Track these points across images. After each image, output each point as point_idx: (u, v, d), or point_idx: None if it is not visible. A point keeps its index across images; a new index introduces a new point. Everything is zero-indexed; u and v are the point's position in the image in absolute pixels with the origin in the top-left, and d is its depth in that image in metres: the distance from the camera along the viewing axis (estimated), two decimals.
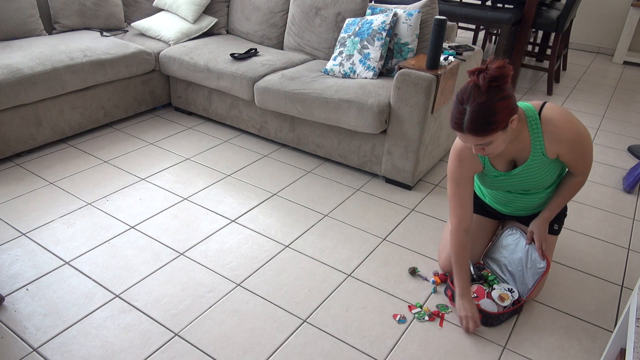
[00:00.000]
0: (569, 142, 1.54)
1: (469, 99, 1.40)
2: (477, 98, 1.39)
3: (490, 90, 1.38)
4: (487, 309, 1.72)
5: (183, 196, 2.42)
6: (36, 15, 3.07)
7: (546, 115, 1.55)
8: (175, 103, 3.36)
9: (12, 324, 1.65)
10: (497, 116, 1.38)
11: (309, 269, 1.97)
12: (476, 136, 1.42)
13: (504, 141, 1.48)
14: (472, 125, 1.40)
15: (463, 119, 1.41)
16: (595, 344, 1.69)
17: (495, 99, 1.38)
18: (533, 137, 1.57)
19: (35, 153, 2.74)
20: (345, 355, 1.60)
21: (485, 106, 1.38)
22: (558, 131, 1.53)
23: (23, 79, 2.51)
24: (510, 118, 1.42)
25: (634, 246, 2.23)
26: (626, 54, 5.23)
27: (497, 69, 1.37)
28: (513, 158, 1.65)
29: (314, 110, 2.56)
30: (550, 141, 1.56)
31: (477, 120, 1.39)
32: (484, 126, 1.39)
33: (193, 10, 3.37)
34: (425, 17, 2.68)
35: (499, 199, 1.84)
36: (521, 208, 1.82)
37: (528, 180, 1.67)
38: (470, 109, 1.39)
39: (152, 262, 1.97)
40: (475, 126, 1.40)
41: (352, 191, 2.54)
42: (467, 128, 1.41)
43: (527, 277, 1.76)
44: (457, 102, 1.43)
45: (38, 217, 2.20)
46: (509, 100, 1.40)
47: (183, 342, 1.62)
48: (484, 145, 1.46)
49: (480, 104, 1.38)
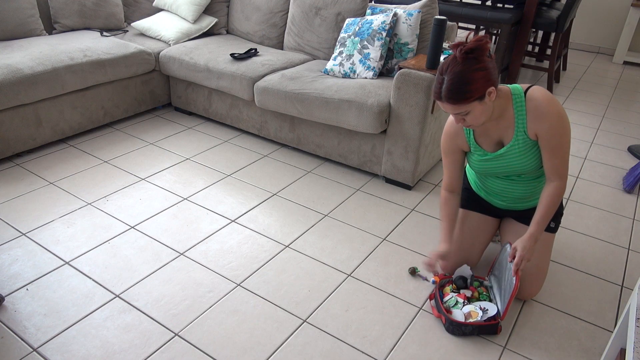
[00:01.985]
0: (549, 120, 1.57)
1: (447, 69, 1.48)
2: (454, 68, 1.47)
3: (467, 61, 1.46)
4: (455, 317, 1.70)
5: (183, 196, 2.42)
6: (36, 15, 3.07)
7: (531, 94, 1.61)
8: (175, 103, 3.36)
9: (12, 324, 1.65)
10: (472, 85, 1.45)
11: (309, 269, 1.97)
12: (453, 104, 1.49)
13: (482, 113, 1.53)
14: (448, 93, 1.47)
15: (441, 88, 1.49)
16: (595, 344, 1.69)
17: (471, 69, 1.45)
18: (517, 114, 1.62)
19: (35, 153, 2.74)
20: (345, 355, 1.60)
21: (461, 75, 1.45)
22: (540, 108, 1.58)
23: (23, 79, 2.51)
24: (486, 88, 1.47)
25: (634, 246, 2.23)
26: (626, 54, 5.23)
27: (474, 42, 1.45)
28: (499, 139, 1.69)
29: (314, 110, 2.56)
30: (531, 119, 1.60)
31: (453, 88, 1.46)
32: (459, 94, 1.46)
33: (193, 10, 3.37)
34: (425, 17, 2.68)
35: (491, 188, 1.85)
36: (513, 199, 1.82)
37: (513, 162, 1.69)
38: (447, 77, 1.47)
39: (152, 262, 1.97)
40: (452, 94, 1.47)
41: (352, 191, 2.54)
42: (445, 96, 1.49)
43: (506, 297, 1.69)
44: (437, 73, 1.52)
45: (38, 217, 2.20)
46: (486, 72, 1.46)
47: (183, 342, 1.62)
48: (462, 115, 1.53)
49: (456, 72, 1.46)
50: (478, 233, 1.93)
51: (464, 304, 1.74)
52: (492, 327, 1.68)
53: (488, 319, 1.68)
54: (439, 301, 1.75)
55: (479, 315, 1.69)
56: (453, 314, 1.71)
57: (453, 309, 1.73)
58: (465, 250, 1.91)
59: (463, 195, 1.98)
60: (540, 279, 1.81)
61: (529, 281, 1.81)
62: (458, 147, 1.77)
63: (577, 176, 2.82)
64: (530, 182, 1.76)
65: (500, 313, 1.69)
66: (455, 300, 1.75)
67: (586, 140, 3.30)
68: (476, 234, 1.93)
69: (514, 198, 1.82)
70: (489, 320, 1.68)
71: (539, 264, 1.80)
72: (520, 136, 1.63)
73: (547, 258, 1.82)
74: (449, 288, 1.81)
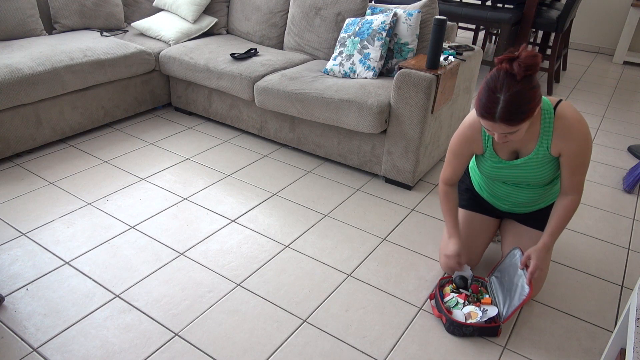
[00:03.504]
0: (577, 142, 1.54)
1: (503, 88, 1.38)
2: (512, 87, 1.37)
3: (525, 79, 1.38)
4: (455, 317, 1.70)
5: (183, 196, 2.42)
6: (36, 15, 3.07)
7: (561, 112, 1.56)
8: (175, 103, 3.36)
9: (12, 324, 1.65)
10: (530, 104, 1.39)
11: (309, 269, 1.97)
12: (508, 125, 1.41)
13: (525, 130, 1.50)
14: (506, 114, 1.39)
15: (496, 108, 1.40)
16: (595, 344, 1.69)
17: (529, 87, 1.38)
18: (543, 130, 1.58)
19: (35, 153, 2.74)
20: (345, 355, 1.60)
21: (521, 95, 1.37)
22: (569, 129, 1.54)
23: (23, 79, 2.51)
24: (538, 106, 1.42)
25: (634, 246, 2.23)
26: (626, 54, 5.23)
27: (531, 58, 1.36)
28: (517, 149, 1.66)
29: (314, 110, 2.56)
30: (558, 137, 1.56)
31: (512, 109, 1.38)
32: (518, 115, 1.39)
33: (193, 10, 3.37)
34: (425, 17, 2.68)
35: (496, 192, 1.84)
36: (518, 203, 1.82)
37: (527, 173, 1.67)
38: (505, 97, 1.38)
39: (152, 262, 1.97)
40: (510, 115, 1.39)
41: (352, 191, 2.54)
42: (500, 117, 1.40)
43: (513, 302, 1.68)
44: (488, 91, 1.41)
45: (38, 217, 2.20)
46: (538, 89, 1.41)
47: (183, 342, 1.62)
48: (510, 133, 1.46)
49: (516, 92, 1.37)
50: (479, 234, 1.93)
51: (464, 304, 1.74)
52: (492, 329, 1.68)
53: (488, 319, 1.68)
54: (440, 301, 1.75)
55: (479, 316, 1.69)
56: (453, 314, 1.71)
57: (453, 309, 1.73)
58: (467, 250, 1.91)
59: (465, 196, 1.98)
60: (539, 282, 1.80)
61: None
62: (471, 151, 1.74)
63: None
64: (536, 190, 1.75)
65: (502, 316, 1.68)
66: (456, 300, 1.75)
67: None
68: (477, 235, 1.93)
69: (518, 203, 1.82)
70: (489, 321, 1.68)
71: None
72: (541, 151, 1.61)
73: (547, 260, 1.81)
74: (449, 288, 1.81)
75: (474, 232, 1.93)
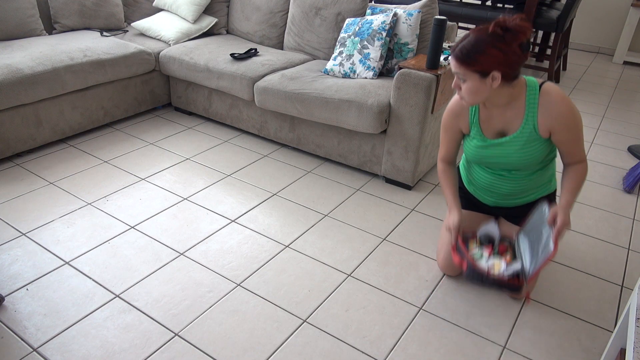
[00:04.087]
0: (563, 117, 1.58)
1: (475, 32, 1.51)
2: (477, 34, 1.49)
3: (494, 35, 1.47)
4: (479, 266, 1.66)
5: (183, 196, 2.42)
6: (36, 15, 3.07)
7: (545, 89, 1.61)
8: (175, 103, 3.36)
9: (12, 324, 1.65)
10: (483, 56, 1.47)
11: (309, 269, 1.97)
12: (457, 62, 1.52)
13: (478, 92, 1.54)
14: (460, 50, 1.51)
15: (458, 44, 1.52)
16: (595, 344, 1.69)
17: (492, 43, 1.46)
18: (528, 106, 1.62)
19: (35, 153, 2.74)
20: (345, 355, 1.60)
21: (478, 43, 1.48)
22: (553, 104, 1.58)
23: (23, 79, 2.51)
24: (493, 69, 1.48)
25: (634, 246, 2.23)
26: (626, 54, 5.23)
27: (513, 22, 1.45)
28: (503, 129, 1.69)
29: (314, 110, 2.56)
30: (544, 114, 1.60)
31: (465, 50, 1.49)
32: (466, 56, 1.49)
33: (193, 10, 3.37)
34: (425, 17, 2.68)
35: (480, 183, 1.85)
36: (502, 195, 1.82)
37: (511, 154, 1.68)
38: (469, 38, 1.50)
39: (152, 262, 1.97)
40: (461, 53, 1.50)
41: (352, 191, 2.54)
42: (455, 53, 1.52)
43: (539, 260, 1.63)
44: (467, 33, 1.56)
45: (38, 217, 2.20)
46: (503, 55, 1.46)
47: (183, 342, 1.62)
48: (460, 80, 1.55)
49: (477, 38, 1.48)
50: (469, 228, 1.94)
51: (488, 258, 1.70)
52: (514, 286, 1.61)
53: (512, 275, 1.62)
54: (463, 247, 1.68)
55: (502, 268, 1.64)
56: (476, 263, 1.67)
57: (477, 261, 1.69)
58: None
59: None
60: (533, 279, 1.80)
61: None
62: (458, 127, 1.79)
63: None
64: (519, 181, 1.76)
65: (528, 273, 1.61)
66: (481, 253, 1.72)
67: (586, 140, 3.30)
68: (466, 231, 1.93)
69: (502, 194, 1.82)
70: (512, 277, 1.61)
71: None
72: (527, 128, 1.63)
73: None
74: (474, 244, 1.79)
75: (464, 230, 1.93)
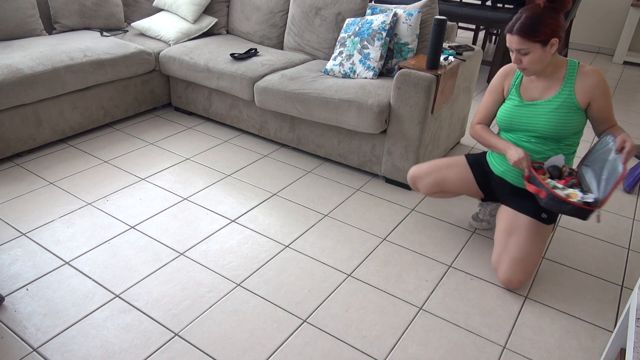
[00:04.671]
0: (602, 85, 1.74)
1: (527, 10, 1.69)
2: (533, 9, 1.68)
3: (547, 8, 1.67)
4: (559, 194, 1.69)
5: (183, 196, 2.42)
6: (36, 15, 3.07)
7: (583, 65, 1.79)
8: (175, 103, 3.36)
9: (12, 324, 1.65)
10: (543, 27, 1.65)
11: (309, 269, 1.97)
12: (521, 38, 1.68)
13: (540, 60, 1.71)
14: (521, 26, 1.67)
15: (516, 23, 1.69)
16: (595, 344, 1.69)
17: (547, 15, 1.66)
18: (567, 77, 1.78)
19: (35, 153, 2.74)
20: (345, 355, 1.60)
21: (538, 16, 1.66)
22: (592, 74, 1.75)
23: (23, 79, 2.51)
24: (552, 37, 1.67)
25: (634, 246, 2.23)
26: (626, 54, 5.22)
27: None
28: (540, 97, 1.83)
29: (314, 110, 2.56)
30: (583, 83, 1.75)
31: (527, 23, 1.66)
32: (529, 30, 1.66)
33: (193, 10, 3.37)
34: (425, 17, 2.68)
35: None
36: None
37: (540, 117, 1.81)
38: (525, 14, 1.68)
39: (152, 262, 1.97)
40: (524, 28, 1.67)
41: (352, 191, 2.54)
42: (517, 29, 1.68)
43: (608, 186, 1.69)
44: (517, 13, 1.73)
45: (38, 217, 2.20)
46: (558, 23, 1.67)
47: (183, 342, 1.62)
48: (522, 55, 1.72)
49: (534, 12, 1.67)
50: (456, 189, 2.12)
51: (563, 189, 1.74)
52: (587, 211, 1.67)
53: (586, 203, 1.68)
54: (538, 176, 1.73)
55: (579, 197, 1.69)
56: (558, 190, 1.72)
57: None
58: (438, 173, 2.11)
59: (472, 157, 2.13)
60: (524, 266, 1.83)
61: (510, 265, 1.85)
62: (502, 87, 1.95)
63: None
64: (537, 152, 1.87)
65: (600, 200, 1.67)
66: (554, 184, 1.75)
67: (586, 140, 3.30)
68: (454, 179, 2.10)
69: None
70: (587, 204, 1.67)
71: (525, 249, 1.83)
72: (562, 95, 1.78)
73: (535, 247, 1.85)
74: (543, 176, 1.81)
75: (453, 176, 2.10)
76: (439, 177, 2.11)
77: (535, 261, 1.85)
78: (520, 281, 1.86)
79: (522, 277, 1.85)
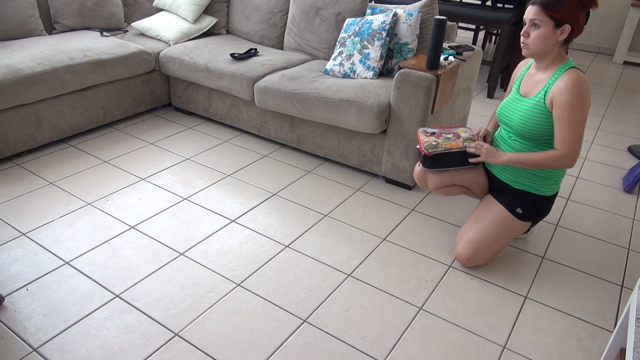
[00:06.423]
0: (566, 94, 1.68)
1: None
2: None
3: None
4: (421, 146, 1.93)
5: (183, 196, 2.42)
6: (36, 15, 3.07)
7: (573, 70, 1.72)
8: (175, 103, 3.36)
9: (12, 324, 1.65)
10: (563, 6, 1.65)
11: (309, 269, 1.97)
12: (539, 7, 1.67)
13: (544, 41, 1.70)
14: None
15: None
16: (595, 344, 1.69)
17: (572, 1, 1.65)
18: (552, 76, 1.75)
19: (35, 153, 2.74)
20: (345, 355, 1.60)
21: None
22: (565, 80, 1.69)
23: (23, 79, 2.51)
24: (566, 21, 1.66)
25: (634, 246, 2.23)
26: (626, 54, 5.23)
27: None
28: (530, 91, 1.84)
29: (314, 110, 2.56)
30: (556, 85, 1.71)
31: None
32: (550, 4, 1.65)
33: (193, 10, 3.37)
34: (425, 17, 2.68)
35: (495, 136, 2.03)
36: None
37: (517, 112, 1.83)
38: None
39: (152, 262, 1.97)
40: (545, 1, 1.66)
41: (352, 191, 2.54)
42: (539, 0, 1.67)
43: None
44: None
45: (38, 217, 2.20)
46: (577, 13, 1.66)
47: (183, 342, 1.62)
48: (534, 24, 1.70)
49: None
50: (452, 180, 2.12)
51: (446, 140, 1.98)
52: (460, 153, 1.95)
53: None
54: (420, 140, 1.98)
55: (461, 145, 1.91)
56: None
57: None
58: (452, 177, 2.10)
59: None
60: (476, 246, 1.93)
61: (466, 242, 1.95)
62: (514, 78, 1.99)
63: (577, 176, 2.82)
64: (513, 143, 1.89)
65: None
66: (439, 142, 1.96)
67: (586, 140, 3.30)
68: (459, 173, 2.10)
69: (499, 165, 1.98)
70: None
71: (485, 232, 1.93)
72: (541, 93, 1.77)
73: (495, 233, 1.93)
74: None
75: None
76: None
77: (490, 247, 1.94)
78: (467, 258, 1.95)
79: (469, 254, 1.94)
